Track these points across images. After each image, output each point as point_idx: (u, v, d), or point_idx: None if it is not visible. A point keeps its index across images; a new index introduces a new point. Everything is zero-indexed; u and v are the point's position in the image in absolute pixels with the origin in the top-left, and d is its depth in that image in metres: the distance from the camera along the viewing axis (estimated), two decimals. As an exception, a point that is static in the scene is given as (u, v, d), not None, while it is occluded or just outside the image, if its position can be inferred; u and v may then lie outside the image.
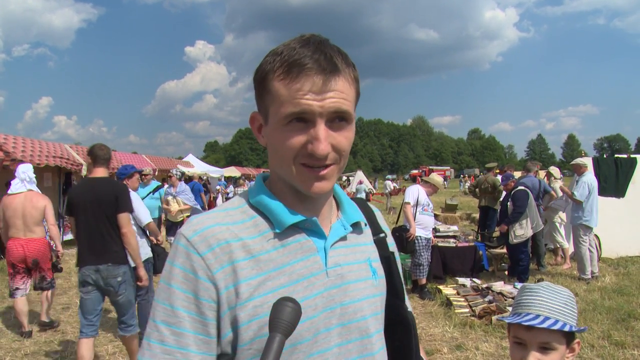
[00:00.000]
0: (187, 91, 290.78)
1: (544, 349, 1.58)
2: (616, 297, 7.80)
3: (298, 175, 1.12)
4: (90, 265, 4.68)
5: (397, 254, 1.45)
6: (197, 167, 31.58)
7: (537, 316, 1.57)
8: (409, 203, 8.16)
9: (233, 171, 41.51)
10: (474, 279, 8.65)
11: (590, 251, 8.91)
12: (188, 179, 15.65)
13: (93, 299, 4.77)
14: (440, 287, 8.42)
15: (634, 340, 5.98)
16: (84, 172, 14.71)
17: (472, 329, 6.57)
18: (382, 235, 1.38)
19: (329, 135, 1.09)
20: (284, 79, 1.09)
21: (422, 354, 1.47)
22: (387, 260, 1.34)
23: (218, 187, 25.84)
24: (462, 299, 7.65)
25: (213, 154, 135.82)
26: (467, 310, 7.25)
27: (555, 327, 1.54)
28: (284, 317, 0.92)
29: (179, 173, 11.12)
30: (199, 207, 11.24)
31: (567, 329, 1.55)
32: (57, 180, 14.81)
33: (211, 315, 1.07)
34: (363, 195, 25.18)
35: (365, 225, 1.33)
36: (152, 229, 6.20)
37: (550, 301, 1.59)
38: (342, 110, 1.10)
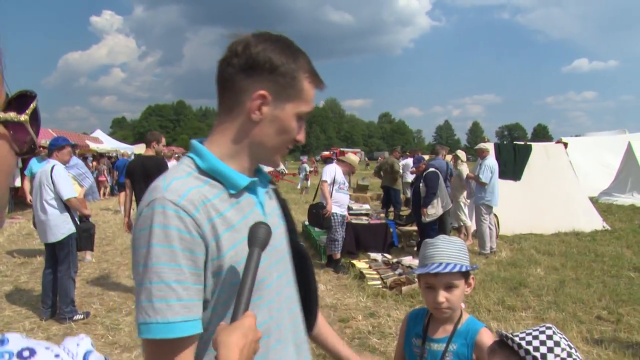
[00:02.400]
0: (93, 64, 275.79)
1: (449, 287, 1.94)
2: (510, 269, 8.60)
3: (279, 153, 1.41)
4: None
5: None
6: (107, 143, 30.41)
7: (440, 264, 1.92)
8: (326, 181, 8.47)
9: (143, 148, 40.20)
10: (385, 254, 9.18)
11: (490, 229, 9.70)
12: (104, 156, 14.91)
13: None
14: (354, 261, 8.86)
15: (523, 304, 6.73)
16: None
17: (384, 299, 7.04)
18: (273, 185, 1.64)
19: None
20: (312, 83, 1.39)
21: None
22: (283, 204, 1.64)
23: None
24: (374, 272, 8.13)
25: (120, 130, 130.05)
26: (379, 282, 7.73)
27: (455, 270, 1.89)
28: (260, 235, 1.21)
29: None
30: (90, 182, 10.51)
31: (463, 269, 1.91)
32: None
33: (202, 267, 1.23)
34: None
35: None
36: (72, 205, 6.12)
37: (448, 250, 1.95)
38: None
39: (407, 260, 8.51)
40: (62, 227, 6.04)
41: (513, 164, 12.16)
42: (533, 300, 6.90)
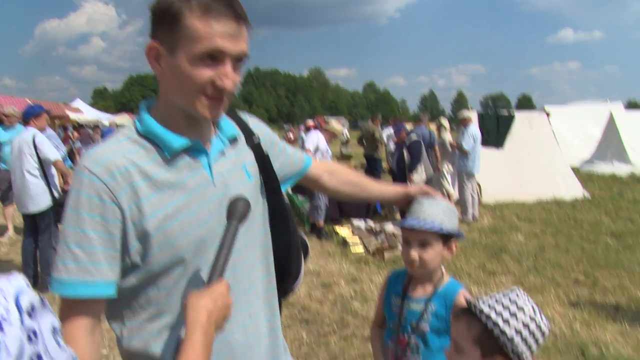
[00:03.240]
0: (71, 32, 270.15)
1: (423, 246, 1.91)
2: (491, 235, 8.71)
3: (200, 104, 1.29)
4: None
5: (276, 149, 1.70)
6: (87, 113, 29.90)
7: (417, 219, 1.89)
8: (309, 150, 8.44)
9: (125, 118, 39.69)
10: (368, 221, 9.22)
11: (472, 196, 9.78)
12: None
13: None
14: (337, 228, 8.91)
15: (503, 269, 6.84)
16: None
17: (367, 265, 7.11)
18: (255, 139, 1.59)
19: (232, 73, 1.28)
20: (202, 18, 1.21)
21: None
22: (262, 161, 1.58)
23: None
24: (357, 239, 8.18)
25: (102, 101, 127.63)
26: (361, 249, 7.79)
27: (428, 228, 1.86)
28: (239, 208, 1.24)
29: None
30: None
31: (437, 229, 1.86)
32: None
33: (117, 232, 1.24)
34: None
35: (239, 135, 1.56)
36: (60, 167, 6.04)
37: (430, 209, 1.91)
38: (245, 54, 1.31)
39: (390, 227, 8.55)
40: (43, 196, 5.95)
41: (496, 132, 12.21)
42: (513, 265, 7.01)
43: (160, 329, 1.33)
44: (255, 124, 1.67)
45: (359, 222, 9.09)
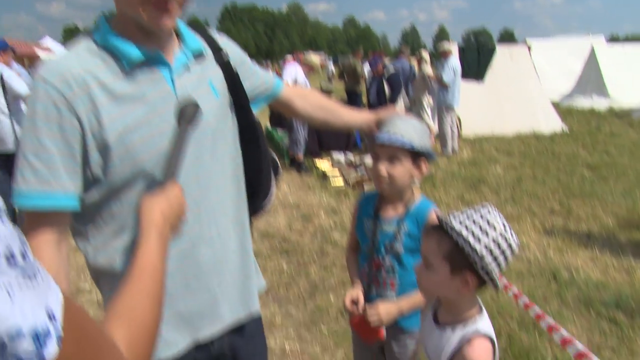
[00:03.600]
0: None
1: (392, 161, 1.88)
2: (470, 168, 8.79)
3: (144, 12, 1.23)
4: None
5: (246, 68, 1.66)
6: (58, 52, 28.78)
7: (386, 134, 1.86)
8: (287, 82, 8.29)
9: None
10: (348, 154, 9.21)
11: (451, 130, 9.78)
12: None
13: None
14: (317, 162, 8.90)
15: (481, 199, 6.94)
16: None
17: (346, 197, 7.15)
18: (224, 56, 1.55)
19: None
20: None
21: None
22: (231, 78, 1.55)
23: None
24: (337, 172, 8.20)
25: (73, 39, 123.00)
26: (341, 181, 7.81)
27: (397, 142, 1.83)
28: (189, 111, 1.22)
29: None
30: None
31: (407, 146, 1.84)
32: None
33: (76, 144, 1.23)
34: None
35: (206, 51, 1.51)
36: None
37: (401, 125, 1.87)
38: None
39: (370, 160, 8.56)
40: (13, 136, 5.77)
41: (476, 65, 12.07)
42: (491, 196, 7.11)
43: (125, 245, 1.32)
44: (224, 42, 1.62)
45: (339, 156, 9.09)
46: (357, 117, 1.97)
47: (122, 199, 1.30)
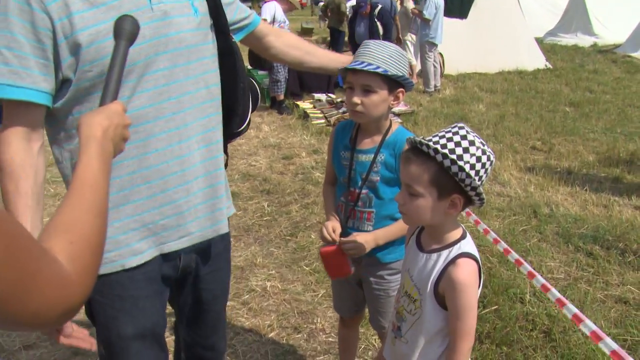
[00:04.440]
0: None
1: (367, 91, 1.80)
2: (453, 105, 8.73)
3: None
4: None
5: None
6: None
7: (362, 62, 1.76)
8: (265, 19, 8.01)
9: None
10: (329, 94, 9.06)
11: (434, 67, 9.64)
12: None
13: None
14: (298, 102, 8.75)
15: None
16: None
17: (327, 136, 7.02)
18: None
19: None
20: None
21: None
22: (212, 1, 1.57)
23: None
24: (318, 112, 8.09)
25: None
26: (322, 121, 7.71)
27: (372, 69, 1.74)
28: (126, 26, 1.16)
29: None
30: None
31: (381, 71, 1.74)
32: None
33: (48, 42, 1.27)
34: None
35: None
36: None
37: (376, 52, 1.78)
38: None
39: (352, 99, 8.44)
40: None
41: (460, 1, 11.80)
42: (473, 133, 7.07)
43: None
44: None
45: (320, 95, 8.94)
46: (333, 58, 1.98)
47: (93, 104, 1.30)
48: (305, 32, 19.15)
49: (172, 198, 1.49)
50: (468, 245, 1.50)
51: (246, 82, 1.76)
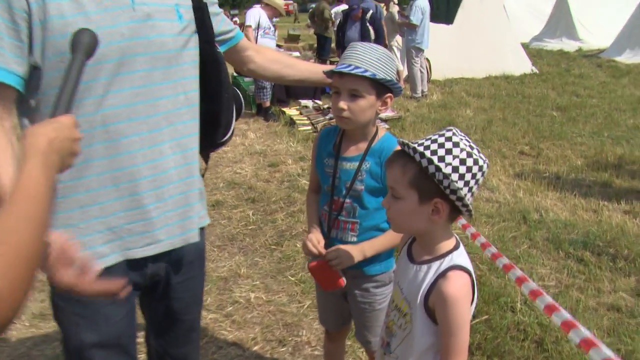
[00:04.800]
0: None
1: (354, 95, 1.71)
2: (440, 110, 8.67)
3: None
4: None
5: (214, 8, 1.65)
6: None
7: (349, 65, 1.68)
8: (250, 26, 7.91)
9: None
10: (316, 100, 8.98)
11: (421, 72, 9.60)
12: None
13: None
14: (284, 109, 8.66)
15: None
16: None
17: (314, 143, 6.97)
18: None
19: None
20: None
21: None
22: (199, 9, 1.54)
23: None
24: (305, 118, 8.00)
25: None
26: (309, 127, 7.63)
27: (358, 72, 1.65)
28: (84, 39, 1.14)
29: None
30: None
31: (369, 75, 1.66)
32: None
33: (23, 24, 1.24)
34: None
35: None
36: None
37: (364, 54, 1.69)
38: None
39: (339, 105, 8.37)
40: None
41: (446, 6, 11.78)
42: (460, 139, 7.02)
43: None
44: None
45: (307, 102, 8.85)
46: (314, 70, 1.96)
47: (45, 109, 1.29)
48: (291, 39, 19.13)
49: (140, 203, 1.44)
50: (460, 257, 1.41)
51: (231, 92, 1.72)
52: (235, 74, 10.18)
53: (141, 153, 1.41)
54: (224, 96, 1.68)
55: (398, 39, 10.59)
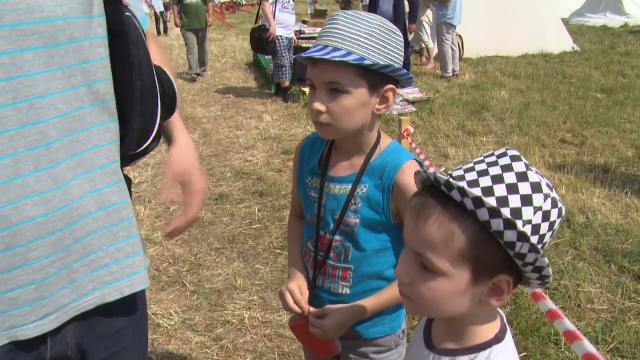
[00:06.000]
0: None
1: (334, 91, 1.17)
2: (473, 92, 8.01)
3: None
4: None
5: None
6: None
7: (324, 47, 1.14)
8: (267, 0, 7.38)
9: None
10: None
11: (452, 49, 8.92)
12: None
13: None
14: (304, 89, 8.10)
15: (484, 128, 6.24)
16: None
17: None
18: None
19: None
20: None
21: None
22: None
23: None
24: (327, 99, 7.44)
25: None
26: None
27: (337, 57, 1.11)
28: None
29: None
30: None
31: (352, 59, 1.12)
32: None
33: None
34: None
35: None
36: None
37: (347, 29, 1.15)
38: None
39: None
40: None
41: (481, -22, 11.01)
42: (495, 124, 6.40)
43: None
44: None
45: (329, 81, 8.29)
46: None
47: None
48: (318, 14, 18.48)
49: (27, 258, 0.95)
50: (504, 355, 0.88)
51: (148, 78, 1.11)
52: (252, 52, 9.65)
53: (19, 182, 0.92)
54: (135, 84, 1.09)
55: (428, 13, 9.91)
